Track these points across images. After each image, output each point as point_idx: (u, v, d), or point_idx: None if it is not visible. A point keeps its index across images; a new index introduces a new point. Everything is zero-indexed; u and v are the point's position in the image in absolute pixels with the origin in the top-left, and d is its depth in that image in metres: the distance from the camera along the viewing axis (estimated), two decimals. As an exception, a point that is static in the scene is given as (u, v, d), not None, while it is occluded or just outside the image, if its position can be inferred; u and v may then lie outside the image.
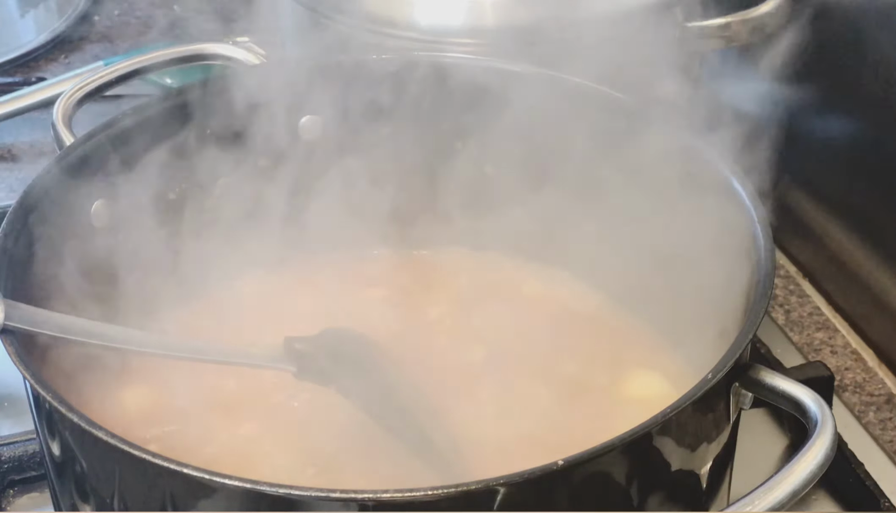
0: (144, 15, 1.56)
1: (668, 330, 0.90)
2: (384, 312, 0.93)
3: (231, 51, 0.99)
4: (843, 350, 1.10)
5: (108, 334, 0.81)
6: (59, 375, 0.79)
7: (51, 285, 0.82)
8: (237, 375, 0.86)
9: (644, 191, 0.89)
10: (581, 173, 0.92)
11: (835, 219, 1.14)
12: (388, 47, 1.05)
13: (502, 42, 1.04)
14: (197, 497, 0.67)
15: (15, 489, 0.93)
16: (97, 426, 0.68)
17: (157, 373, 0.86)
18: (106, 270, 0.87)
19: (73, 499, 0.75)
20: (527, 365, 0.86)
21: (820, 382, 0.96)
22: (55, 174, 0.85)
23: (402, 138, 0.96)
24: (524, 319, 0.91)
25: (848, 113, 1.10)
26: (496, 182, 0.97)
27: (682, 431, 0.70)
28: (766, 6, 1.10)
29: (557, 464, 0.65)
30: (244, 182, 0.95)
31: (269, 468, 0.80)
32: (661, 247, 0.89)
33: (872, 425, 1.02)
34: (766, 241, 0.78)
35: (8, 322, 0.74)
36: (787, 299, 1.15)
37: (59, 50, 1.50)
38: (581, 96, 0.91)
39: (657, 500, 0.71)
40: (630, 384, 0.84)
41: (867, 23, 1.06)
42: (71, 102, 0.95)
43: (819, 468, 0.68)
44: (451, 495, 0.64)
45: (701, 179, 0.86)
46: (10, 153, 1.34)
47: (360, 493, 0.64)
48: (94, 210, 0.88)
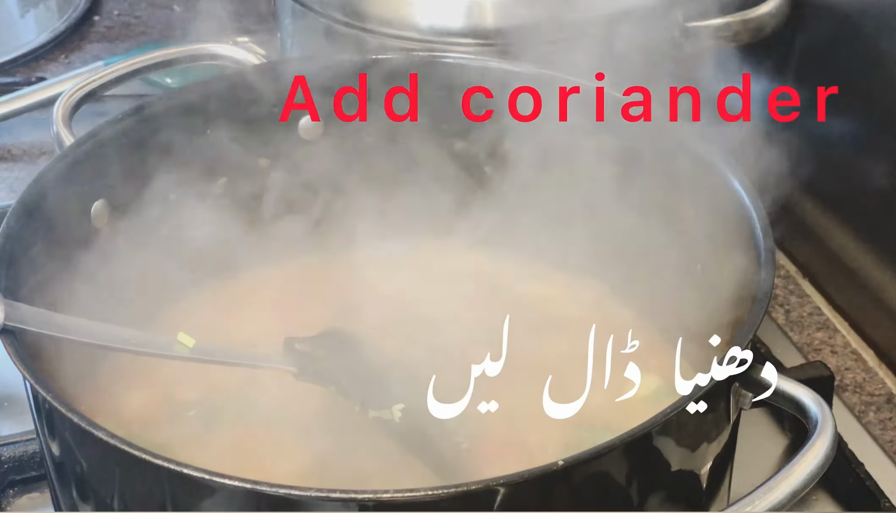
0: (144, 15, 1.56)
1: (668, 330, 0.90)
2: (384, 311, 0.93)
3: (231, 51, 0.99)
4: (843, 350, 1.10)
5: (108, 334, 0.81)
6: (59, 376, 0.79)
7: (51, 285, 0.82)
8: (237, 376, 0.86)
9: (644, 191, 0.89)
10: (580, 173, 0.92)
11: (835, 219, 1.14)
12: (389, 47, 1.05)
13: (502, 42, 1.04)
14: (197, 497, 0.67)
15: (15, 489, 0.92)
16: (97, 426, 0.68)
17: (157, 373, 0.86)
18: (106, 269, 0.87)
19: (73, 499, 0.75)
20: (526, 365, 0.86)
21: (820, 382, 0.96)
22: (55, 174, 0.85)
23: (402, 138, 0.96)
24: (523, 319, 0.91)
25: (848, 113, 1.10)
26: (496, 182, 0.97)
27: (682, 431, 0.70)
28: (766, 6, 1.10)
29: (557, 464, 0.65)
30: (244, 182, 0.95)
31: (269, 468, 0.80)
32: (661, 247, 0.89)
33: (872, 425, 1.02)
34: (766, 241, 0.78)
35: (8, 322, 0.74)
36: (787, 299, 1.15)
37: (59, 50, 1.50)
38: (581, 96, 0.91)
39: (657, 500, 0.71)
40: (629, 384, 0.84)
41: (867, 23, 1.06)
42: (71, 102, 0.95)
43: (819, 468, 0.68)
44: (451, 495, 0.64)
45: (701, 180, 0.86)
46: (10, 153, 1.34)
47: (360, 493, 0.64)
48: (94, 210, 0.88)
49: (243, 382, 0.86)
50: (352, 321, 0.90)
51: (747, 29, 1.10)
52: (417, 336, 0.91)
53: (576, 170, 0.92)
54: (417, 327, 0.92)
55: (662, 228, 0.88)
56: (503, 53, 1.01)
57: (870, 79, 1.07)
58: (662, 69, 0.99)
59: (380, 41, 1.06)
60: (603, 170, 0.91)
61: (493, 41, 1.05)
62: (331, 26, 1.08)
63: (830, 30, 1.11)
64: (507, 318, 0.84)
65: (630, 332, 0.85)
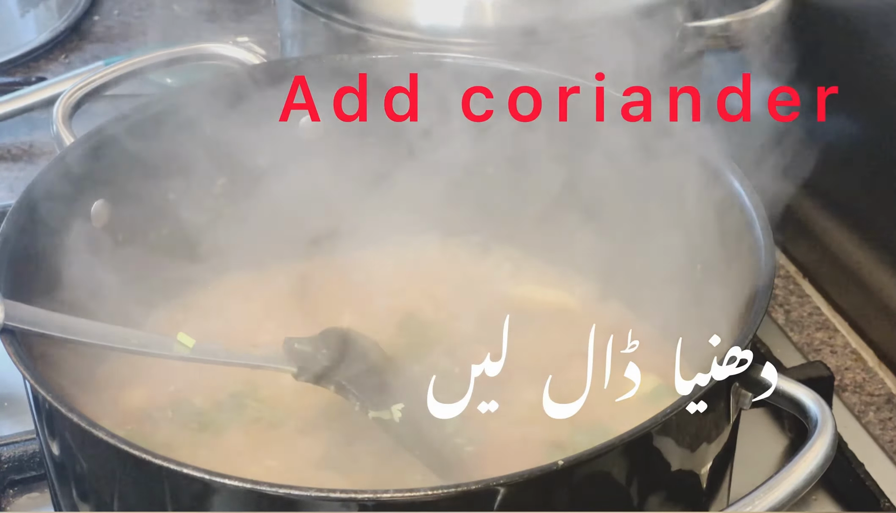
0: (144, 15, 1.56)
1: (667, 330, 0.90)
2: (384, 312, 0.93)
3: (231, 51, 0.99)
4: (843, 350, 1.10)
5: (108, 334, 0.81)
6: (60, 376, 0.79)
7: (51, 285, 0.82)
8: (237, 376, 0.86)
9: (644, 191, 0.89)
10: (581, 174, 0.92)
11: (835, 219, 1.14)
12: (389, 47, 1.05)
13: (502, 42, 1.04)
14: (197, 497, 0.67)
15: (15, 489, 0.93)
16: (97, 426, 0.68)
17: (157, 373, 0.86)
18: (106, 269, 0.87)
19: (73, 499, 0.75)
20: (526, 365, 0.86)
21: (820, 382, 0.96)
22: (55, 174, 0.85)
23: (402, 137, 0.96)
24: (523, 319, 0.91)
25: (848, 113, 1.10)
26: (497, 182, 0.97)
27: (682, 431, 0.70)
28: (766, 6, 1.10)
29: (557, 464, 0.65)
30: (244, 182, 0.95)
31: (268, 468, 0.80)
32: (661, 247, 0.89)
33: (872, 424, 1.02)
34: (766, 241, 0.78)
35: (8, 322, 0.74)
36: (787, 299, 1.15)
37: (59, 50, 1.50)
38: (581, 96, 0.91)
39: (657, 500, 0.71)
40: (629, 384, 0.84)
41: (867, 23, 1.06)
42: (71, 102, 0.95)
43: (819, 468, 0.68)
44: (451, 495, 0.64)
45: (701, 180, 0.86)
46: (10, 153, 1.34)
47: (360, 493, 0.64)
48: (94, 210, 0.88)
49: (243, 382, 0.86)
50: (352, 321, 0.90)
51: (747, 29, 1.10)
52: (417, 336, 0.91)
53: (576, 170, 0.92)
54: (417, 327, 0.92)
55: (662, 228, 0.88)
56: (503, 53, 1.01)
57: (870, 79, 1.07)
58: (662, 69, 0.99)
59: (380, 41, 1.06)
60: (603, 170, 0.91)
61: (493, 41, 1.05)
62: (331, 26, 1.08)
63: (830, 30, 1.11)
64: (507, 318, 0.84)
65: (630, 332, 0.85)
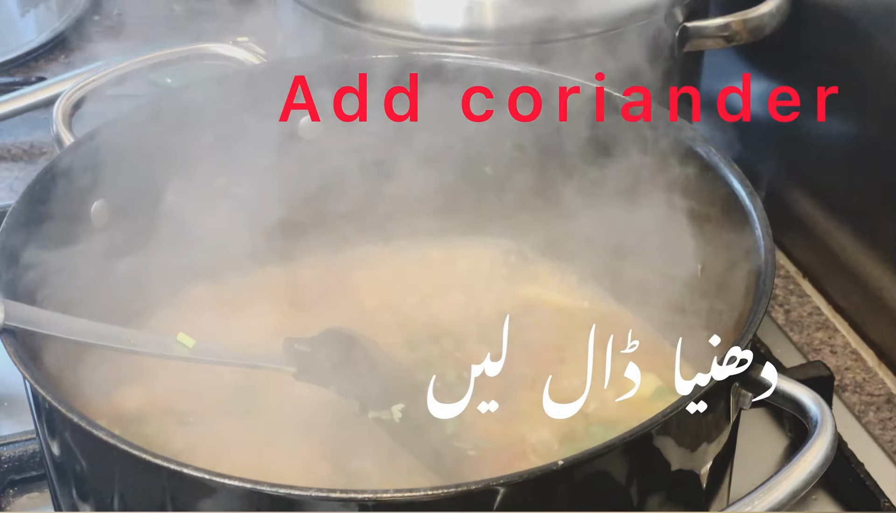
0: (144, 15, 1.56)
1: (667, 330, 0.90)
2: (384, 312, 0.93)
3: (231, 51, 0.99)
4: (843, 350, 1.10)
5: (108, 334, 0.81)
6: (60, 376, 0.79)
7: (51, 285, 0.82)
8: (237, 376, 0.86)
9: (644, 191, 0.89)
10: (581, 174, 0.92)
11: (835, 219, 1.14)
12: (388, 47, 1.05)
13: (502, 42, 1.04)
14: (197, 497, 0.67)
15: (15, 489, 0.93)
16: (97, 426, 0.68)
17: (157, 373, 0.86)
18: (105, 269, 0.87)
19: (73, 499, 0.75)
20: (526, 365, 0.86)
21: (820, 382, 0.96)
22: (55, 174, 0.85)
23: (402, 137, 0.96)
24: (523, 320, 0.91)
25: (848, 113, 1.10)
26: (496, 182, 0.97)
27: (682, 431, 0.70)
28: (766, 6, 1.11)
29: (557, 464, 0.65)
30: (244, 182, 0.95)
31: (268, 468, 0.80)
32: (661, 247, 0.89)
33: (872, 424, 1.02)
34: (766, 241, 0.78)
35: (8, 322, 0.74)
36: (787, 299, 1.15)
37: (59, 50, 1.50)
38: (581, 96, 0.91)
39: (657, 500, 0.71)
40: (629, 384, 0.84)
41: (867, 23, 1.06)
42: (71, 102, 0.95)
43: (819, 468, 0.68)
44: (451, 495, 0.64)
45: (701, 179, 0.86)
46: (10, 153, 1.34)
47: (360, 493, 0.64)
48: (94, 210, 0.88)
49: (243, 382, 0.86)
50: (352, 321, 0.90)
51: (747, 29, 1.10)
52: (417, 336, 0.91)
53: (575, 170, 0.92)
54: (417, 327, 0.92)
55: (663, 228, 0.88)
56: (503, 53, 1.01)
57: (870, 79, 1.07)
58: (662, 69, 0.99)
59: (380, 41, 1.06)
60: (603, 170, 0.91)
61: (493, 41, 1.05)
62: (331, 26, 1.08)
63: (830, 30, 1.11)
64: (507, 318, 0.84)
65: (630, 332, 0.85)
